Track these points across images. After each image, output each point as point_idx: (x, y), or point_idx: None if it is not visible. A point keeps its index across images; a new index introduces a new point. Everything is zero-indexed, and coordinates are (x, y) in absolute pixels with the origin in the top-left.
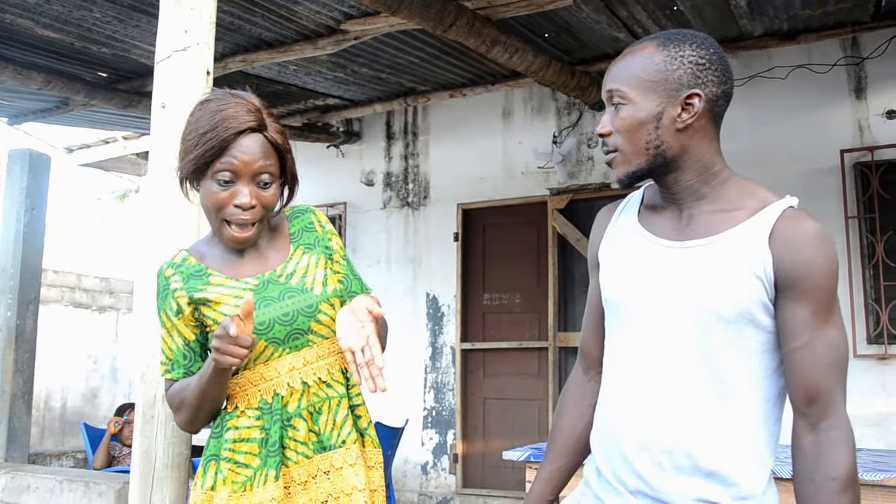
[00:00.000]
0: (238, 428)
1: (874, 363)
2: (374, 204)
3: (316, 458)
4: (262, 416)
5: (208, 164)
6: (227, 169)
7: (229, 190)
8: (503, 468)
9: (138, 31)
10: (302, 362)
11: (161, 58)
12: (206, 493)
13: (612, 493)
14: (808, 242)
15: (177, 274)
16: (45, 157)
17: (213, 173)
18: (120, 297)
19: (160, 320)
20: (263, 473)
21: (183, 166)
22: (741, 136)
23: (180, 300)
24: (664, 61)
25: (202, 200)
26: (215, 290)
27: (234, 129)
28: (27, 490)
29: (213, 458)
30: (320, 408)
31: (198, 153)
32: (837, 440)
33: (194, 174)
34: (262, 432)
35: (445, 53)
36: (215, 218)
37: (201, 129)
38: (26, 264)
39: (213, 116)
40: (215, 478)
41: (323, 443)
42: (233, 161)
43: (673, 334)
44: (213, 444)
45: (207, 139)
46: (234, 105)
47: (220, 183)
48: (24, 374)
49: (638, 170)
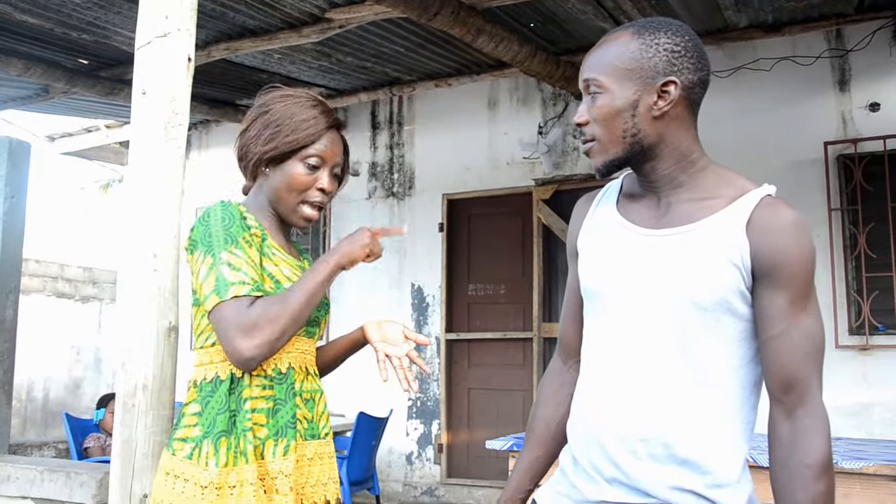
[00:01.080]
0: (252, 398)
1: (855, 354)
2: (359, 194)
3: (305, 444)
4: (272, 385)
5: (300, 148)
6: (318, 155)
7: (313, 175)
8: (487, 458)
9: (119, 17)
10: (307, 349)
11: (141, 44)
12: (222, 471)
13: (588, 481)
14: (786, 230)
15: (250, 217)
16: (26, 145)
17: (304, 157)
18: (103, 287)
19: (238, 245)
20: (283, 444)
21: (274, 147)
22: (726, 127)
23: (256, 240)
24: (639, 49)
25: (279, 180)
26: (275, 251)
27: (330, 123)
28: (7, 480)
29: (224, 433)
30: (314, 397)
31: (297, 137)
32: (813, 427)
33: (278, 157)
34: (270, 402)
35: (431, 43)
36: (294, 197)
37: (300, 117)
38: (6, 253)
39: (308, 109)
40: (229, 453)
41: (313, 430)
42: (324, 149)
43: (650, 322)
44: (222, 419)
45: (308, 126)
46: (321, 103)
47: (308, 167)
48: (3, 363)
49: (615, 158)
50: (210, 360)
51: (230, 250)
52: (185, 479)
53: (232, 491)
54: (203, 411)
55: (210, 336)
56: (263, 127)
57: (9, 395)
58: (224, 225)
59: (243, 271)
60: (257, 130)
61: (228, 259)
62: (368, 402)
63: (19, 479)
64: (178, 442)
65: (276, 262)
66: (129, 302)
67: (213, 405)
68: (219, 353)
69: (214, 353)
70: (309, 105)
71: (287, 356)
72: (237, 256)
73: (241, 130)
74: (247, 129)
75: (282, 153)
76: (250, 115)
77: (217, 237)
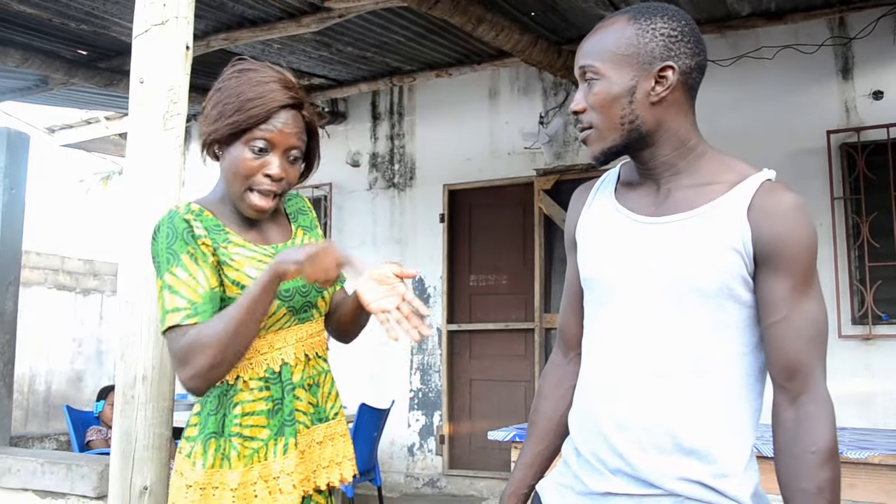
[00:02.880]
0: (244, 402)
1: (859, 343)
2: (359, 185)
3: (313, 428)
4: (269, 386)
5: (245, 130)
6: (264, 138)
7: (261, 159)
8: (489, 449)
9: (118, 7)
10: (306, 335)
11: (139, 32)
12: (207, 472)
13: (591, 472)
14: (787, 215)
15: (198, 221)
16: (24, 136)
17: (248, 140)
18: (104, 279)
19: (179, 263)
20: (282, 443)
21: (217, 128)
22: (728, 116)
23: (205, 248)
24: (636, 34)
25: (226, 165)
26: (238, 250)
27: (279, 102)
28: (8, 472)
29: (214, 435)
30: (317, 381)
31: (239, 118)
32: (817, 414)
33: (223, 140)
34: (269, 403)
35: (431, 32)
36: (240, 184)
37: (246, 96)
38: (6, 245)
39: (257, 85)
40: (216, 455)
41: (319, 414)
42: (272, 131)
43: (652, 311)
44: (213, 421)
45: (252, 106)
46: (277, 79)
47: (254, 151)
48: (3, 356)
49: (613, 146)
50: None
51: (171, 270)
52: (184, 477)
53: (214, 492)
54: (201, 412)
55: None
56: (213, 106)
57: (10, 388)
58: (167, 242)
59: (180, 294)
60: (209, 107)
61: (169, 281)
62: (370, 393)
63: (20, 472)
64: (183, 441)
65: (239, 264)
66: (128, 293)
67: (208, 406)
68: None
69: None
70: (262, 82)
71: (279, 353)
72: (176, 277)
73: (202, 108)
74: (204, 107)
75: (224, 135)
76: (210, 91)
77: (161, 257)
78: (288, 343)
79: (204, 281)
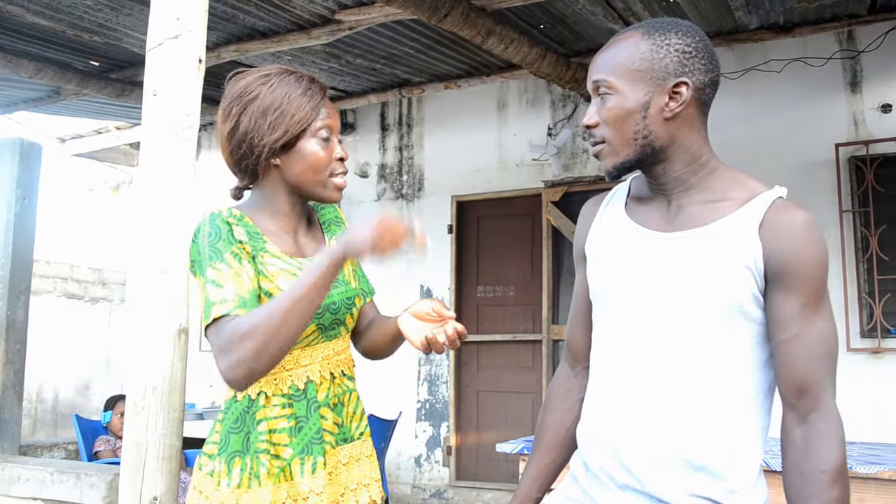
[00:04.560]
0: (268, 419)
1: (867, 357)
2: (368, 196)
3: (339, 449)
4: (292, 403)
5: (307, 127)
6: (328, 126)
7: (328, 146)
8: (497, 460)
9: (130, 19)
10: (332, 352)
11: (152, 45)
12: (233, 492)
13: (600, 487)
14: (799, 233)
15: (240, 226)
16: (37, 146)
17: (315, 133)
18: (113, 288)
19: (222, 259)
20: (310, 462)
21: (280, 134)
22: (736, 128)
23: (246, 253)
24: (650, 50)
25: (297, 166)
26: (273, 261)
27: (324, 89)
28: (18, 481)
29: (238, 454)
30: (343, 400)
31: (303, 115)
32: (827, 432)
33: (290, 142)
34: (292, 420)
35: (440, 44)
36: (320, 176)
37: (296, 93)
38: (17, 254)
39: (299, 82)
40: (243, 475)
41: (344, 434)
42: (328, 118)
43: (661, 326)
44: (236, 439)
45: (308, 100)
46: (302, 73)
47: (322, 140)
48: (14, 364)
49: (626, 161)
50: None
51: (214, 266)
52: (206, 497)
53: None
54: (221, 429)
55: None
56: (260, 115)
57: (20, 396)
58: (210, 241)
59: (226, 287)
60: (254, 121)
61: (213, 276)
62: (377, 404)
63: (30, 480)
64: (203, 457)
65: (273, 276)
66: (139, 303)
67: (227, 422)
68: None
69: None
70: (295, 78)
71: (304, 370)
72: (220, 272)
73: (229, 129)
74: (236, 125)
75: (293, 135)
76: (232, 110)
77: (204, 255)
78: (314, 360)
79: (247, 280)
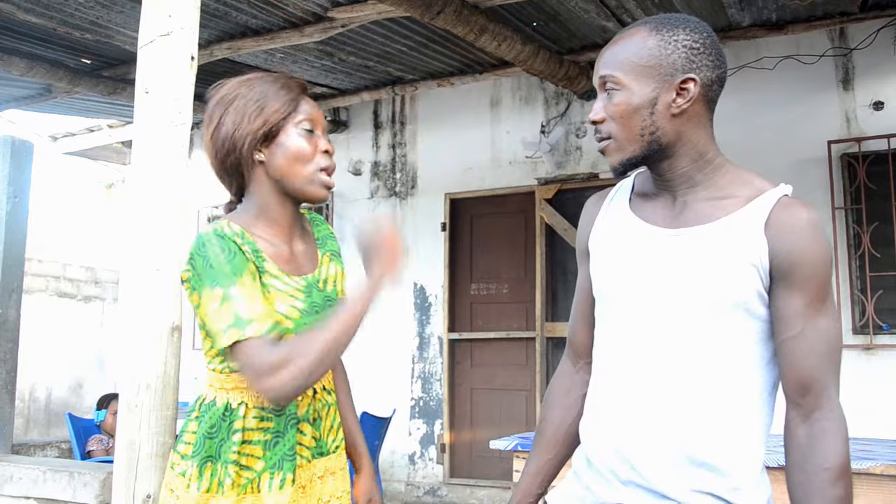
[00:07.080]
0: (245, 430)
1: (860, 353)
2: (361, 193)
3: (314, 462)
4: (270, 417)
5: (288, 116)
6: (309, 118)
7: (312, 139)
8: (490, 458)
9: (122, 16)
10: None
11: (144, 42)
12: (202, 496)
13: (602, 483)
14: (804, 231)
15: (246, 244)
16: (28, 144)
17: (297, 124)
18: (105, 286)
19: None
20: (279, 477)
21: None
22: (729, 126)
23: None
24: (658, 45)
25: (281, 159)
26: (272, 281)
27: (302, 86)
28: (10, 480)
29: (211, 459)
30: (322, 414)
31: (280, 105)
32: (831, 430)
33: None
34: (268, 434)
35: (433, 42)
36: (304, 168)
37: (274, 87)
38: (9, 253)
39: (276, 79)
40: (212, 480)
41: (321, 448)
42: (310, 112)
43: (666, 323)
44: (210, 444)
45: (285, 93)
46: (281, 74)
47: (305, 132)
48: (6, 363)
49: (633, 157)
50: (212, 383)
51: (241, 283)
52: (176, 497)
53: None
54: (197, 430)
55: (214, 361)
56: (241, 110)
57: (12, 395)
58: (227, 257)
59: (257, 306)
60: (237, 117)
61: (241, 293)
62: (371, 401)
63: (22, 480)
64: (176, 455)
65: (272, 298)
66: (132, 302)
67: (203, 426)
68: (222, 380)
69: (216, 378)
70: (272, 78)
71: None
72: (246, 289)
73: (213, 130)
74: (219, 124)
75: (273, 124)
76: (215, 113)
77: (221, 269)
78: None
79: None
